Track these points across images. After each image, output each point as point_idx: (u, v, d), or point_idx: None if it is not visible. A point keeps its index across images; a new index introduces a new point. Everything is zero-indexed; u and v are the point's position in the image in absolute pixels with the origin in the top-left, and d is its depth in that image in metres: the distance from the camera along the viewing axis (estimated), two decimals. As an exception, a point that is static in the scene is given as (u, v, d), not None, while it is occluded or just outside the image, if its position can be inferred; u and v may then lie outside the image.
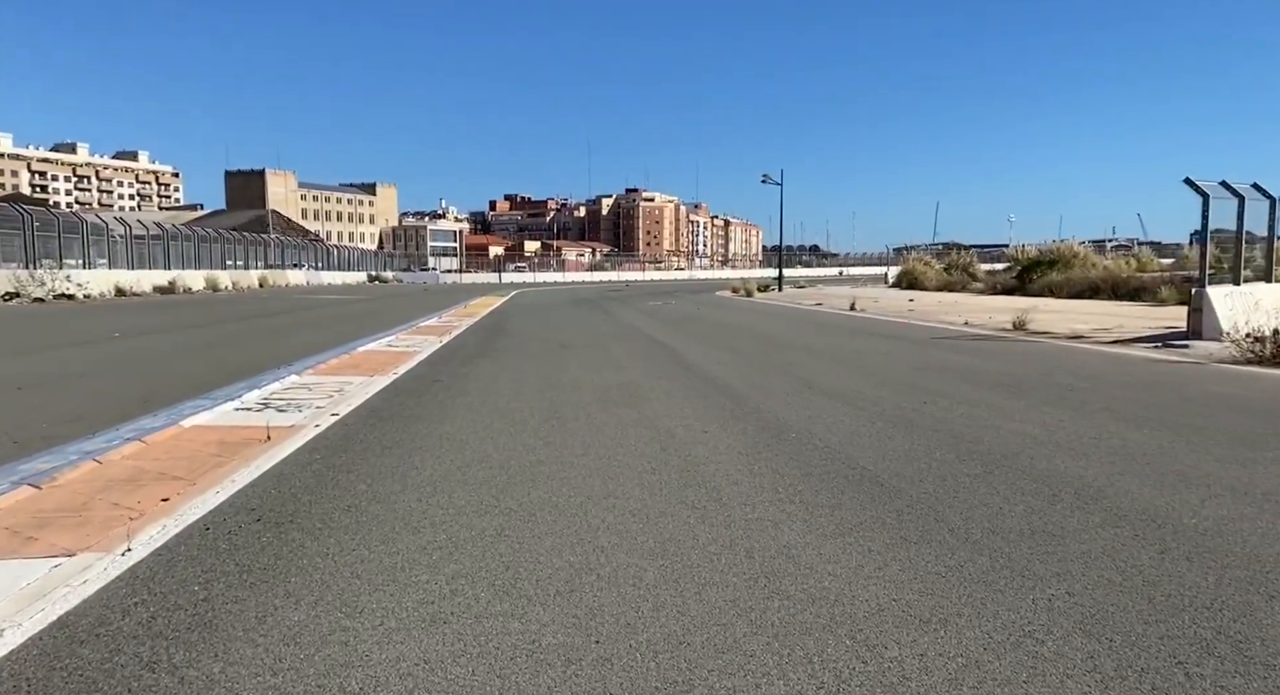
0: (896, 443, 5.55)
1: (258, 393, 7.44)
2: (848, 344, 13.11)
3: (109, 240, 30.22)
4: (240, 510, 3.93)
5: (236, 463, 4.85)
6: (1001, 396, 7.50)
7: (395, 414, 6.60)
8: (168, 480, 4.39)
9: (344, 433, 5.84)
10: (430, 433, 5.86)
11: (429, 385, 8.22)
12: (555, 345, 12.63)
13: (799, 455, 5.16)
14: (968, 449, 5.35)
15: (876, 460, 5.02)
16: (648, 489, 4.38)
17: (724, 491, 4.33)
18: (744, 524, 3.77)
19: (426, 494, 4.27)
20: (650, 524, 3.78)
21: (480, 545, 3.48)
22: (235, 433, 5.73)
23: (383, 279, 64.85)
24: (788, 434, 5.84)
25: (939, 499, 4.18)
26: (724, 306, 26.89)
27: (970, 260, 46.20)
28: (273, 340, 14.04)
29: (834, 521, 3.80)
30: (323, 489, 4.34)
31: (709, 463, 4.97)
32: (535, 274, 79.72)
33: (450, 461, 4.99)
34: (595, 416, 6.55)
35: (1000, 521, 3.79)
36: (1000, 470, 4.78)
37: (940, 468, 4.84)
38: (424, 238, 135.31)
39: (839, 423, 6.26)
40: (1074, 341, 13.16)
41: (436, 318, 19.44)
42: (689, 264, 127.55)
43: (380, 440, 5.58)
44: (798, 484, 4.47)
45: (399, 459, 5.03)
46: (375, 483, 4.48)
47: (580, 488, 4.40)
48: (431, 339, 13.45)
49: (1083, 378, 8.83)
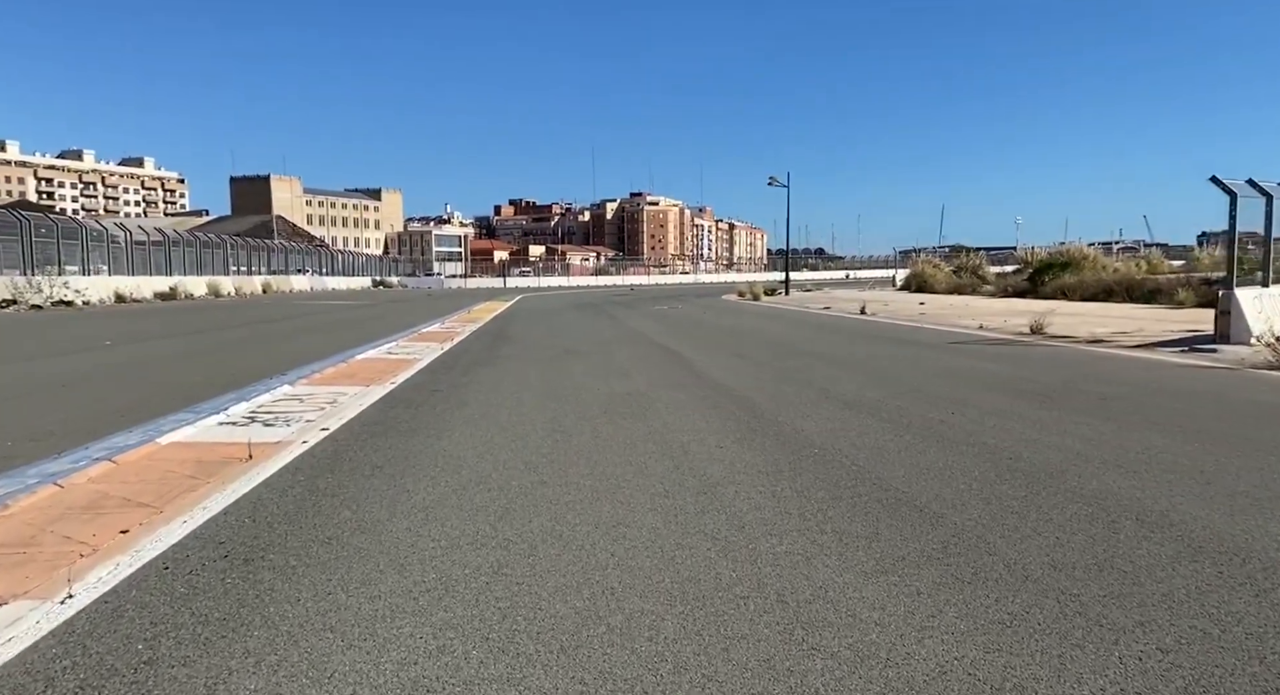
0: (929, 459, 5.12)
1: (245, 405, 7.05)
2: (862, 349, 12.68)
3: (109, 246, 29.92)
4: (207, 544, 3.52)
5: (212, 486, 4.44)
6: (1032, 406, 7.06)
7: (389, 428, 6.19)
8: (132, 508, 3.99)
9: (333, 450, 5.43)
10: (425, 449, 5.45)
11: (427, 396, 7.82)
12: (559, 351, 12.22)
13: (825, 474, 4.74)
14: (1007, 466, 4.92)
15: (910, 480, 4.59)
16: (661, 515, 3.96)
17: (746, 518, 3.90)
18: (771, 559, 3.35)
19: (417, 522, 3.85)
20: (666, 559, 3.36)
21: (474, 587, 3.06)
22: (215, 450, 5.32)
23: (387, 284, 64.55)
24: (810, 449, 5.41)
25: (986, 526, 3.75)
26: (731, 310, 26.46)
27: (980, 263, 45.66)
28: (269, 347, 13.65)
29: (872, 555, 3.38)
30: (302, 517, 3.93)
31: (727, 484, 4.55)
32: (540, 278, 79.40)
33: (445, 483, 4.58)
34: (602, 430, 6.13)
35: (1060, 554, 3.36)
36: (1047, 491, 4.35)
37: (981, 488, 4.41)
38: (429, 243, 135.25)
39: (864, 436, 5.83)
40: (1095, 346, 12.70)
41: (439, 323, 19.06)
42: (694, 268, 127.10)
43: (371, 459, 5.17)
44: (827, 509, 4.05)
45: (389, 481, 4.62)
46: (361, 509, 4.07)
47: (587, 514, 3.99)
48: (433, 346, 13.06)
49: (1114, 385, 8.38)
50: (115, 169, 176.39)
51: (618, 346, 13.11)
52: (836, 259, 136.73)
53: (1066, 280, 29.53)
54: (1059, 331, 14.72)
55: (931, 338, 14.58)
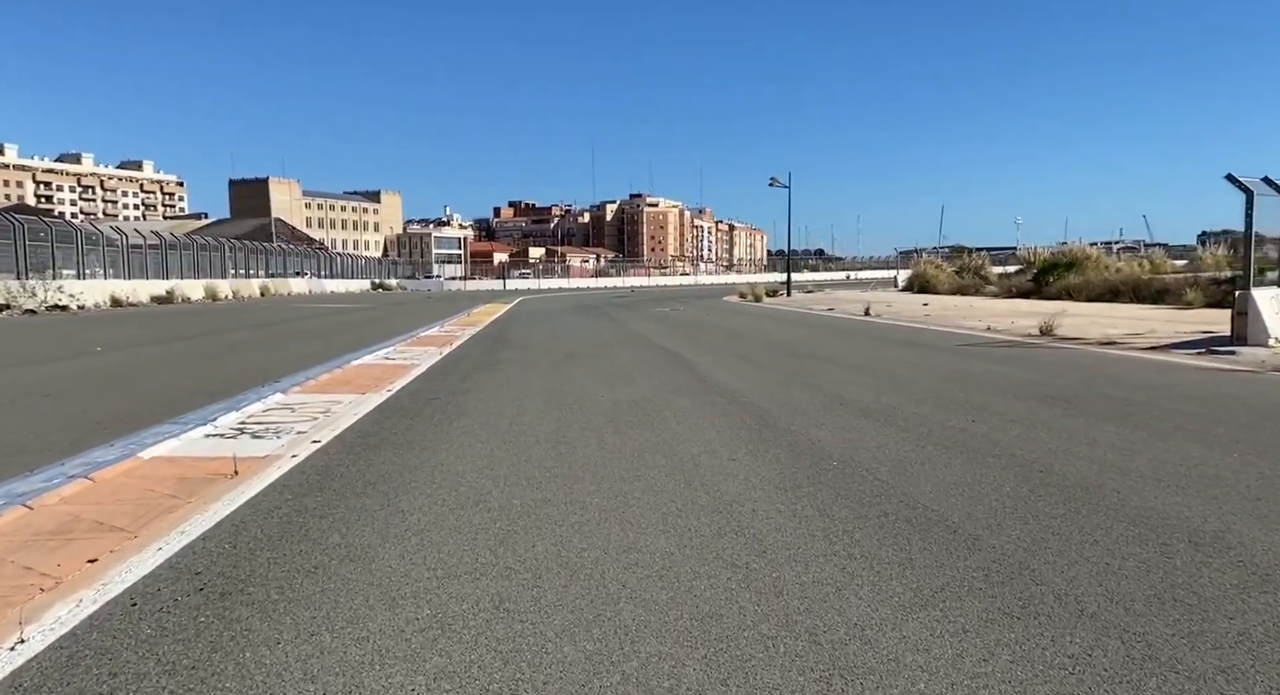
0: (955, 472, 4.83)
1: (235, 415, 6.76)
2: (871, 352, 12.39)
3: (104, 249, 29.63)
4: (182, 575, 3.23)
5: (192, 507, 4.15)
6: (1054, 412, 6.77)
7: (384, 440, 5.90)
8: (104, 533, 3.70)
9: (323, 465, 5.14)
10: (421, 464, 5.15)
11: (425, 404, 7.52)
12: (560, 356, 11.93)
13: (847, 490, 4.45)
14: (1039, 480, 4.63)
15: (939, 496, 4.30)
16: (675, 538, 3.67)
17: (767, 541, 3.61)
18: (799, 589, 3.06)
19: (411, 548, 3.56)
20: (683, 590, 3.07)
21: (473, 625, 2.77)
22: (199, 466, 5.03)
23: (386, 287, 64.28)
24: (828, 462, 5.12)
25: (1028, 550, 3.46)
26: (733, 312, 26.18)
27: (982, 263, 45.40)
28: (264, 353, 13.36)
29: (909, 585, 3.09)
30: (287, 542, 3.64)
31: (743, 501, 4.26)
32: (540, 280, 79.15)
33: (442, 502, 4.29)
34: (607, 441, 5.84)
35: (1114, 584, 3.07)
36: (1087, 509, 4.06)
37: (1015, 505, 4.12)
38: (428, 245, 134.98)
39: (884, 447, 5.54)
40: (1108, 348, 12.41)
41: (438, 327, 18.77)
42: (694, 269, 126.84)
43: (363, 474, 4.88)
44: (853, 530, 3.76)
45: (382, 499, 4.33)
46: (351, 532, 3.78)
47: (594, 537, 3.70)
48: (431, 350, 12.77)
49: (1136, 389, 8.09)
50: (114, 172, 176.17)
51: (620, 350, 12.82)
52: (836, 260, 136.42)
53: (1071, 281, 29.25)
54: (1069, 333, 14.44)
55: (939, 340, 14.29)
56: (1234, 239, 60.02)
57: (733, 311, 26.67)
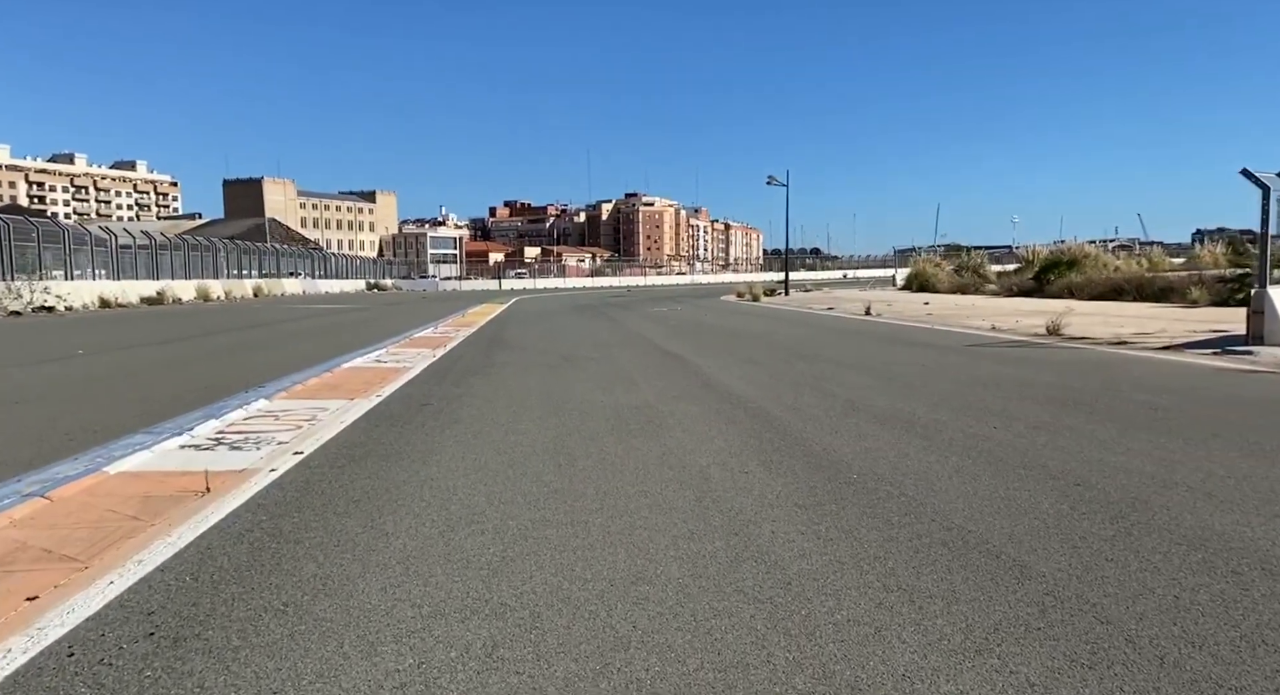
0: (985, 486, 4.47)
1: (213, 424, 6.37)
2: (877, 353, 12.03)
3: (93, 250, 29.16)
4: (132, 615, 2.85)
5: (156, 530, 3.77)
6: (1079, 418, 6.42)
7: (371, 451, 5.52)
8: (52, 563, 3.32)
9: (304, 480, 4.76)
10: (410, 478, 4.78)
11: (416, 411, 7.15)
12: (558, 358, 11.56)
13: (872, 508, 4.08)
14: (1078, 495, 4.27)
15: (973, 514, 3.94)
16: (688, 566, 3.31)
17: (790, 570, 3.25)
18: (832, 630, 2.69)
19: (394, 579, 3.19)
20: (701, 632, 2.70)
21: (461, 679, 2.40)
22: (169, 482, 4.65)
23: (381, 287, 63.84)
24: (847, 475, 4.76)
25: (1082, 580, 3.10)
26: (732, 312, 25.83)
27: (981, 261, 45.16)
28: (252, 355, 12.97)
29: (957, 625, 2.72)
30: (256, 573, 3.26)
31: (760, 522, 3.89)
32: (536, 280, 78.74)
33: (431, 523, 3.91)
34: (609, 451, 5.48)
35: (1189, 623, 2.71)
36: (1138, 529, 3.70)
37: (1058, 525, 3.76)
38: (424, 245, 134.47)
39: (906, 457, 5.18)
40: (1119, 348, 12.08)
41: (432, 328, 18.38)
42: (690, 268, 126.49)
43: (347, 491, 4.50)
44: (884, 556, 3.39)
45: (365, 521, 3.95)
46: (329, 561, 3.40)
47: (599, 565, 3.33)
48: (424, 352, 12.39)
49: (1159, 393, 7.75)
50: (107, 172, 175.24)
51: (620, 352, 12.45)
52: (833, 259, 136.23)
53: (1074, 279, 28.97)
54: (1077, 332, 14.12)
55: (946, 340, 13.95)
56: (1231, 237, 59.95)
57: (732, 311, 26.31)
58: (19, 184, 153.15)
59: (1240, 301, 20.72)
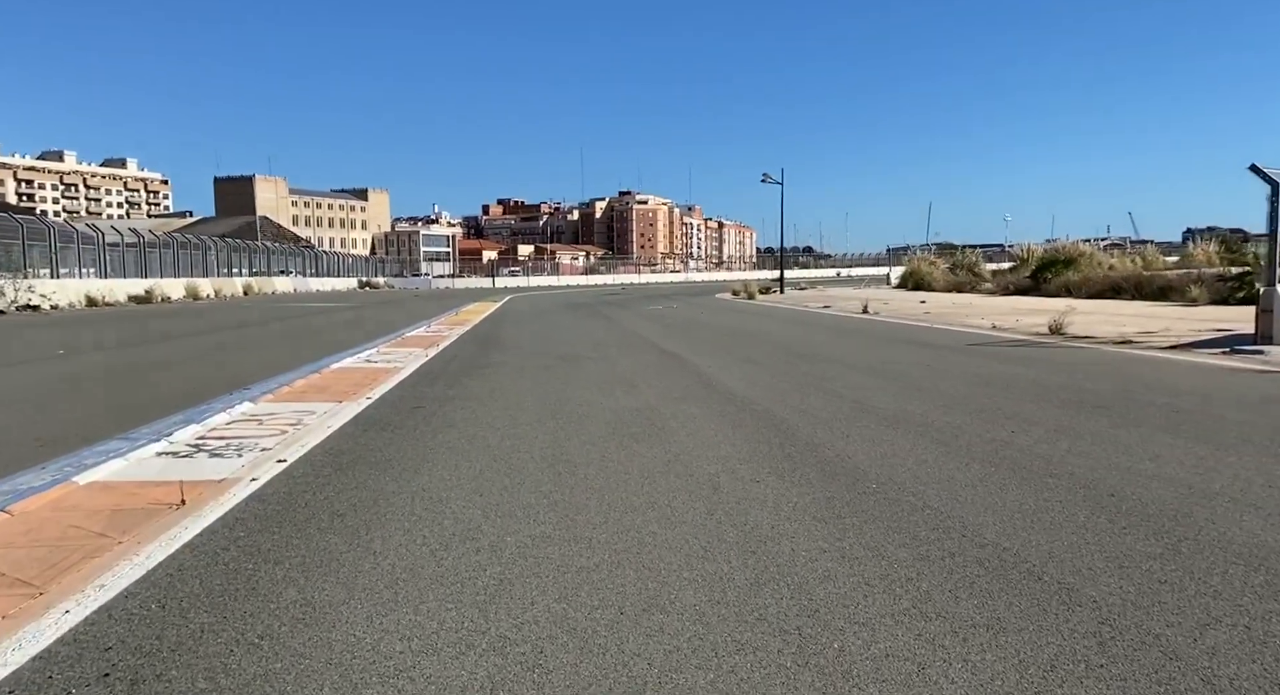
0: (1014, 497, 4.20)
1: (193, 429, 6.06)
2: (880, 353, 11.77)
3: (79, 248, 28.69)
4: (86, 652, 2.55)
5: (124, 548, 3.47)
6: (1099, 422, 6.16)
7: (360, 458, 5.22)
8: (4, 587, 3.01)
9: (287, 491, 4.46)
10: (400, 489, 4.48)
11: (407, 414, 6.85)
12: (554, 358, 11.26)
13: (896, 521, 3.81)
14: (1114, 507, 4.00)
15: (1006, 529, 3.67)
16: (705, 590, 3.02)
17: (817, 595, 2.97)
18: (871, 669, 2.41)
19: (382, 606, 2.90)
20: (725, 671, 2.41)
21: (456, 729, 2.12)
22: (142, 493, 4.35)
23: (374, 285, 63.38)
24: (865, 484, 4.49)
25: (1138, 606, 2.83)
26: (728, 310, 25.57)
27: (976, 260, 45.10)
28: (239, 355, 12.63)
29: (1009, 661, 2.45)
30: (230, 600, 2.96)
31: (778, 537, 3.61)
32: (529, 278, 78.37)
33: (422, 540, 3.62)
34: (612, 458, 5.19)
35: (1272, 661, 2.44)
36: (1187, 546, 3.43)
37: (1100, 541, 3.49)
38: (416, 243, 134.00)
39: (923, 465, 4.91)
40: (1125, 347, 11.85)
41: (425, 326, 18.06)
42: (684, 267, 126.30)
43: (332, 503, 4.21)
44: (917, 578, 3.12)
45: (351, 538, 3.66)
46: (310, 585, 3.11)
47: (606, 589, 3.04)
48: (417, 352, 12.08)
49: (1176, 395, 7.50)
50: (97, 170, 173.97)
51: (617, 351, 12.16)
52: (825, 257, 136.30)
53: (1071, 278, 28.79)
54: (1080, 331, 13.89)
55: (948, 339, 13.71)
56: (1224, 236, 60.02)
57: (728, 310, 26.05)
58: (7, 182, 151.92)
59: (1241, 300, 20.61)
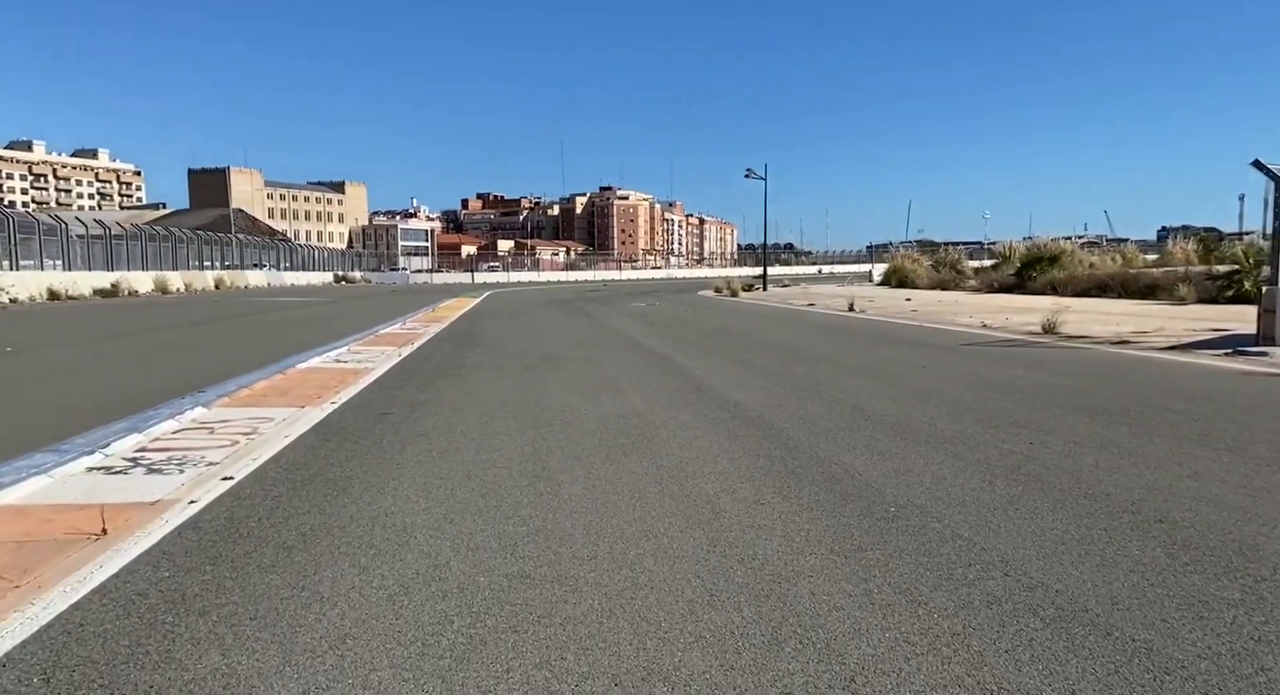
0: (1050, 523, 3.74)
1: (134, 440, 5.48)
2: (873, 353, 11.34)
3: (41, 239, 27.66)
4: (-63, 750, 2.02)
5: (20, 594, 2.92)
6: (1119, 431, 5.74)
7: (317, 474, 4.68)
8: None
9: (228, 516, 3.91)
10: (360, 514, 3.95)
11: (374, 422, 6.30)
12: (535, 358, 10.73)
13: (927, 557, 3.33)
14: (1167, 536, 3.55)
15: (1053, 566, 3.20)
16: (714, 651, 2.53)
17: (849, 657, 2.48)
18: (932, 768, 1.93)
19: (323, 677, 2.37)
20: (749, 771, 1.92)
21: None
22: (59, 519, 3.78)
23: (350, 279, 62.40)
24: (882, 507, 4.01)
25: (1240, 676, 2.36)
26: (713, 308, 25.11)
27: (958, 257, 45.08)
28: (200, 354, 11.98)
29: (1101, 755, 1.97)
30: (136, 670, 2.42)
31: (794, 577, 3.12)
32: (509, 274, 77.54)
33: (380, 581, 3.09)
34: (598, 474, 4.68)
35: None
36: (1268, 589, 2.98)
37: (1165, 583, 3.03)
38: (395, 237, 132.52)
39: (942, 482, 4.44)
40: (1123, 347, 11.51)
41: (400, 323, 17.43)
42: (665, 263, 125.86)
43: (279, 533, 3.67)
44: (964, 633, 2.64)
45: (296, 578, 3.12)
46: (238, 645, 2.57)
47: (597, 650, 2.53)
48: (389, 351, 11.49)
49: (1193, 400, 7.11)
50: (68, 160, 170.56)
51: (601, 351, 11.64)
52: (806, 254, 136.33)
53: (1056, 275, 28.62)
54: (1073, 331, 13.57)
55: (940, 338, 13.32)
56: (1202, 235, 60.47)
57: (712, 307, 25.59)
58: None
59: (1231, 299, 20.44)
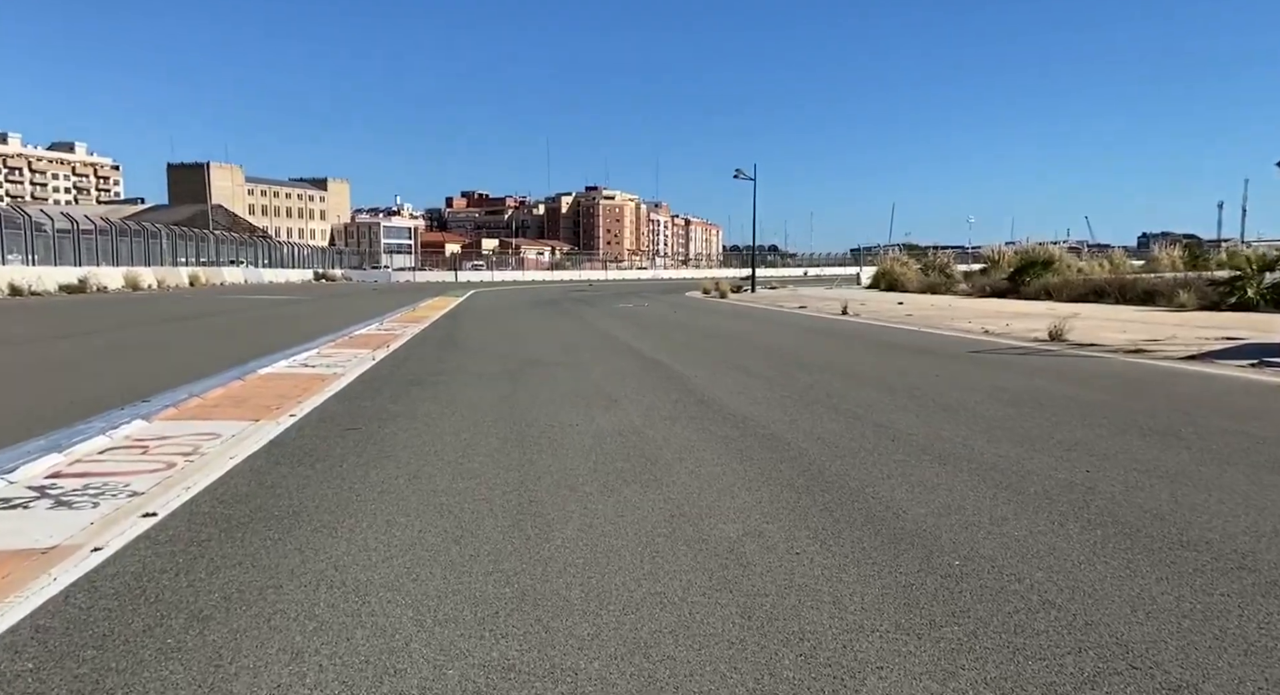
0: (1161, 589, 3.04)
1: (50, 461, 4.68)
2: (878, 360, 10.66)
3: (2, 232, 26.54)
4: None
5: None
6: (1178, 456, 5.07)
7: (259, 510, 3.91)
8: None
9: (136, 569, 3.14)
10: (304, 566, 3.19)
11: (337, 439, 5.53)
12: (520, 363, 9.97)
13: (1020, 634, 2.62)
14: (1303, 603, 2.86)
15: (1191, 654, 2.50)
16: (774, 800, 1.80)
17: (967, 813, 1.76)
18: None
19: None
20: None
21: None
22: (-81, 576, 3.00)
23: (330, 277, 61.26)
24: (943, 559, 3.30)
25: None
26: (702, 309, 24.42)
27: (947, 261, 44.75)
28: (158, 356, 11.13)
29: None
30: None
31: (861, 670, 2.39)
32: (493, 273, 76.59)
33: (317, 676, 2.34)
34: (596, 510, 3.94)
35: None
36: None
37: (1335, 677, 2.34)
38: (377, 235, 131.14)
39: (1005, 524, 3.74)
40: (1139, 357, 10.90)
41: (377, 323, 16.60)
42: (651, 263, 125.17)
43: (197, 595, 2.90)
44: (1110, 765, 1.92)
45: (206, 668, 2.36)
46: (101, 792, 1.82)
47: (610, 798, 1.80)
48: (363, 354, 10.69)
49: (1240, 418, 6.46)
50: (43, 154, 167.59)
51: (591, 356, 10.89)
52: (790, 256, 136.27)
53: (1050, 280, 28.17)
54: (1082, 338, 12.97)
55: (944, 344, 12.68)
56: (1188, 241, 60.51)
57: (702, 309, 24.90)
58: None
59: (1234, 306, 20.01)
